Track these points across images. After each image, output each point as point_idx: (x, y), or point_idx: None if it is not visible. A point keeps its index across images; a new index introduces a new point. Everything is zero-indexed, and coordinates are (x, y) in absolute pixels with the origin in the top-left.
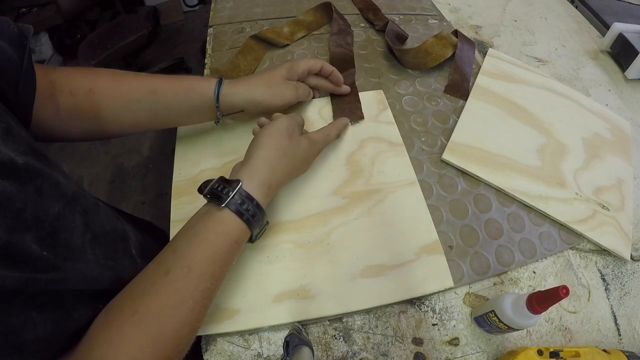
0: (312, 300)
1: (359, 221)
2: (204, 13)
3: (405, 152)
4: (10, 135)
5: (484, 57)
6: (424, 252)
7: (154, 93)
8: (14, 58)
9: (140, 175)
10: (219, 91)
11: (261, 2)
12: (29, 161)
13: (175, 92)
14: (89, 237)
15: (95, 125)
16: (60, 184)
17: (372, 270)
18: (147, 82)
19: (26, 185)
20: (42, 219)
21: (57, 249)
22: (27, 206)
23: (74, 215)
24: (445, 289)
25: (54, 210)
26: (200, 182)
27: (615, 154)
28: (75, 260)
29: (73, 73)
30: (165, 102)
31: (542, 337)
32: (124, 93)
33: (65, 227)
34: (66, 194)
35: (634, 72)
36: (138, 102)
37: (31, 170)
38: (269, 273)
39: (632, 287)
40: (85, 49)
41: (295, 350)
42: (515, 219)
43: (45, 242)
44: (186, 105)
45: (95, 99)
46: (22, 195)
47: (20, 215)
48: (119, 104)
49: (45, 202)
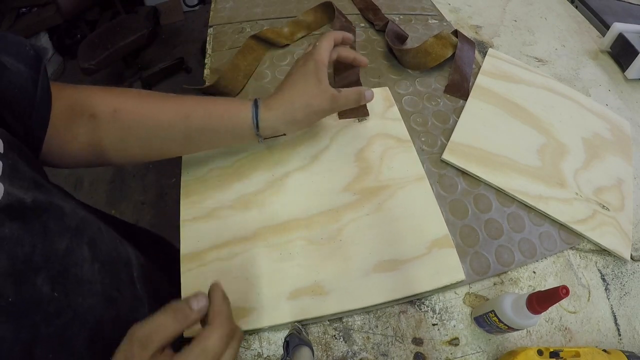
0: (327, 297)
1: (369, 217)
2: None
3: (412, 148)
4: (16, 172)
5: (484, 57)
6: (435, 246)
7: (187, 117)
8: (27, 86)
9: (140, 175)
10: (257, 116)
11: (261, 2)
12: (35, 197)
13: (209, 116)
14: (97, 267)
15: (120, 151)
16: (65, 215)
17: (384, 265)
18: (178, 105)
19: (33, 224)
20: (51, 258)
21: (68, 286)
22: (35, 248)
23: (81, 248)
24: (457, 281)
25: (62, 246)
26: (209, 181)
27: (615, 154)
28: (85, 296)
29: (95, 93)
30: (198, 127)
31: (542, 337)
32: (153, 116)
33: (74, 261)
34: (70, 225)
35: (634, 72)
36: (169, 126)
37: (38, 207)
38: (282, 271)
39: (632, 287)
40: (85, 49)
41: (295, 350)
42: (515, 219)
43: (56, 281)
44: (222, 130)
45: (120, 120)
46: (30, 237)
47: (30, 258)
48: (148, 128)
49: (52, 239)
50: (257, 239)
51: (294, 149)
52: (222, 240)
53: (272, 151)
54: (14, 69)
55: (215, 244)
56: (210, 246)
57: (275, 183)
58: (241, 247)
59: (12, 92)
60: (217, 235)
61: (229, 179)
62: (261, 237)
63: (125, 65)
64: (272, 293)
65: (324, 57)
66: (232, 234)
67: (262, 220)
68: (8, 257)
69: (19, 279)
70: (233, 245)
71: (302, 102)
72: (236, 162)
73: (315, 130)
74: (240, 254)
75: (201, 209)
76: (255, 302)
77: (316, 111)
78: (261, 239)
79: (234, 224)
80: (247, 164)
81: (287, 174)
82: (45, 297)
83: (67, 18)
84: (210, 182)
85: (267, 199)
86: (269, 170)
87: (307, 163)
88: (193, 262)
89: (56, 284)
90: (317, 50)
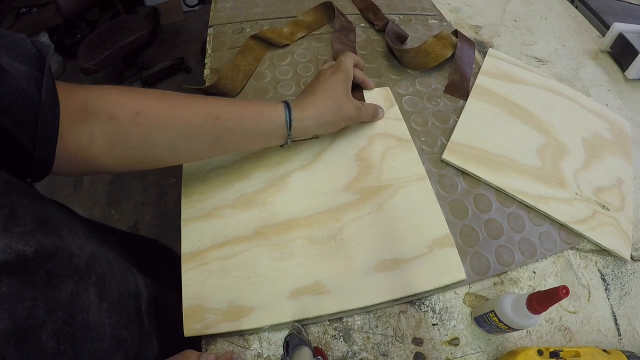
0: (328, 296)
1: (371, 216)
2: (204, 13)
3: (414, 148)
4: (15, 219)
5: (484, 57)
6: (436, 245)
7: (217, 118)
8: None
9: (140, 175)
10: (290, 118)
11: (261, 2)
12: (39, 244)
13: (240, 117)
14: (105, 307)
15: (143, 155)
16: (73, 256)
17: (386, 265)
18: (207, 106)
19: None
20: (55, 308)
21: (76, 334)
22: (37, 300)
23: (87, 290)
24: (458, 280)
25: (67, 292)
26: (209, 181)
27: (615, 154)
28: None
29: (112, 93)
30: (229, 128)
31: (542, 337)
32: (179, 117)
33: (80, 307)
34: (79, 267)
35: (634, 72)
36: (198, 128)
37: (41, 255)
38: (283, 270)
39: (632, 287)
40: (85, 49)
41: (295, 350)
42: (515, 219)
43: (62, 332)
44: (253, 132)
45: (144, 123)
46: (32, 290)
47: (32, 312)
48: (175, 130)
49: (56, 286)
50: (258, 238)
51: (295, 148)
52: (223, 239)
53: (273, 151)
54: (14, 72)
55: (216, 243)
56: (211, 245)
57: (276, 182)
58: (242, 246)
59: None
60: (218, 234)
61: (230, 178)
62: (262, 236)
63: (125, 65)
64: (273, 292)
65: (351, 71)
66: (233, 233)
67: (263, 219)
68: (9, 316)
69: (22, 337)
70: (234, 244)
71: (334, 107)
72: (237, 162)
73: None
74: (241, 253)
75: (202, 208)
76: (256, 301)
77: (344, 117)
78: (262, 238)
79: (234, 223)
80: (248, 163)
81: (288, 173)
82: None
83: (67, 18)
84: (211, 181)
85: (268, 198)
86: (270, 170)
87: (308, 162)
88: (194, 261)
89: (62, 336)
90: (345, 65)
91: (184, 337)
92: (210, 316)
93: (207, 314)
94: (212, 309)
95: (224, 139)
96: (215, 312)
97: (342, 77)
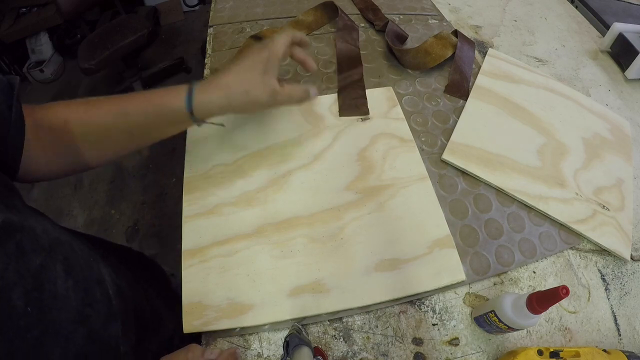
0: (328, 294)
1: (372, 216)
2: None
3: (415, 148)
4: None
5: (484, 57)
6: (436, 246)
7: (126, 115)
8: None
9: (140, 175)
10: (191, 102)
11: (261, 2)
12: (7, 219)
13: (146, 110)
14: (71, 284)
15: (77, 157)
16: (37, 235)
17: (386, 264)
18: (118, 105)
19: (6, 244)
20: (25, 275)
21: (44, 301)
22: (9, 265)
23: (55, 265)
24: (458, 281)
25: (36, 263)
26: (211, 178)
27: (615, 154)
28: (60, 310)
29: (51, 108)
30: (138, 122)
31: (542, 337)
32: (96, 119)
33: (48, 278)
34: (44, 245)
35: (634, 72)
36: (113, 126)
37: (10, 227)
38: (283, 268)
39: (632, 287)
40: (85, 49)
41: (295, 350)
42: (515, 219)
43: (31, 296)
44: (160, 121)
45: (71, 130)
46: (4, 257)
47: (4, 274)
48: (94, 131)
49: (26, 256)
50: (259, 236)
51: (297, 147)
52: (223, 236)
53: (274, 149)
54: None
55: (217, 240)
56: (212, 242)
57: (277, 181)
58: (243, 244)
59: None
60: (218, 232)
61: (232, 176)
62: (263, 234)
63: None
64: (273, 290)
65: (279, 50)
66: (234, 231)
67: (264, 217)
68: None
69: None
70: (235, 241)
71: (241, 89)
72: (239, 160)
73: (318, 129)
74: (242, 251)
75: (203, 206)
76: (256, 299)
77: (253, 101)
78: (263, 236)
79: (235, 221)
80: (250, 161)
81: (290, 172)
82: (18, 312)
83: (67, 18)
84: (213, 178)
85: (270, 196)
86: (272, 168)
87: (310, 161)
88: (195, 257)
89: (30, 300)
90: (274, 42)
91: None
92: (210, 313)
93: (207, 311)
94: (211, 306)
95: (137, 133)
96: (215, 309)
97: (264, 55)
